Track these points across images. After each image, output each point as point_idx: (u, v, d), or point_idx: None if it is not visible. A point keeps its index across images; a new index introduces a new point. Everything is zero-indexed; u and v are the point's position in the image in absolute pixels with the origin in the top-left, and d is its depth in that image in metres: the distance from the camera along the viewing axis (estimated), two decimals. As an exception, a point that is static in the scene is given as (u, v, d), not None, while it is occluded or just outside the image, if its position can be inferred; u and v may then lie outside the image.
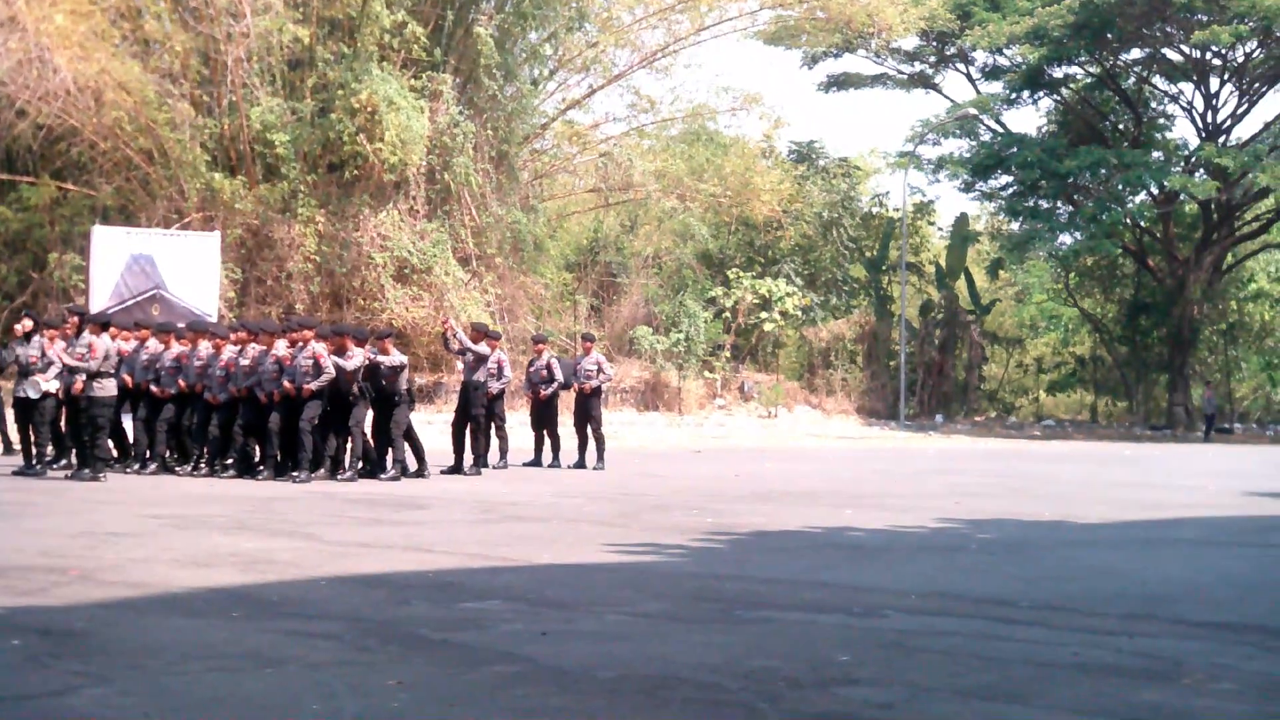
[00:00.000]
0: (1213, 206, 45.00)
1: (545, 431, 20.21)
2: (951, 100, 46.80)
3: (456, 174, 31.22)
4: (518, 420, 24.28)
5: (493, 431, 19.08)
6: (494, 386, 18.78)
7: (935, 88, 47.55)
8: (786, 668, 6.06)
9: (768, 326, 40.22)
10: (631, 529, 11.80)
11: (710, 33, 38.48)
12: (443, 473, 17.74)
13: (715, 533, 11.56)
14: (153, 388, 17.00)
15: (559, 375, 20.11)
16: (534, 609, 7.51)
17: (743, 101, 39.75)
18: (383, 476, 16.59)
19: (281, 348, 16.38)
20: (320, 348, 16.06)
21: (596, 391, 20.20)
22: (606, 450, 20.31)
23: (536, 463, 20.09)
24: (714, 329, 39.18)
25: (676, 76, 39.30)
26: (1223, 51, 43.08)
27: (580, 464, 19.87)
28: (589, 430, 20.02)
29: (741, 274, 40.28)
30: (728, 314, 39.77)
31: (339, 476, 16.32)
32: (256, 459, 16.75)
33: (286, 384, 16.01)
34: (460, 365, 19.19)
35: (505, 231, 32.99)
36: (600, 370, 20.29)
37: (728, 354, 39.90)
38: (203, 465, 16.91)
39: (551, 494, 15.45)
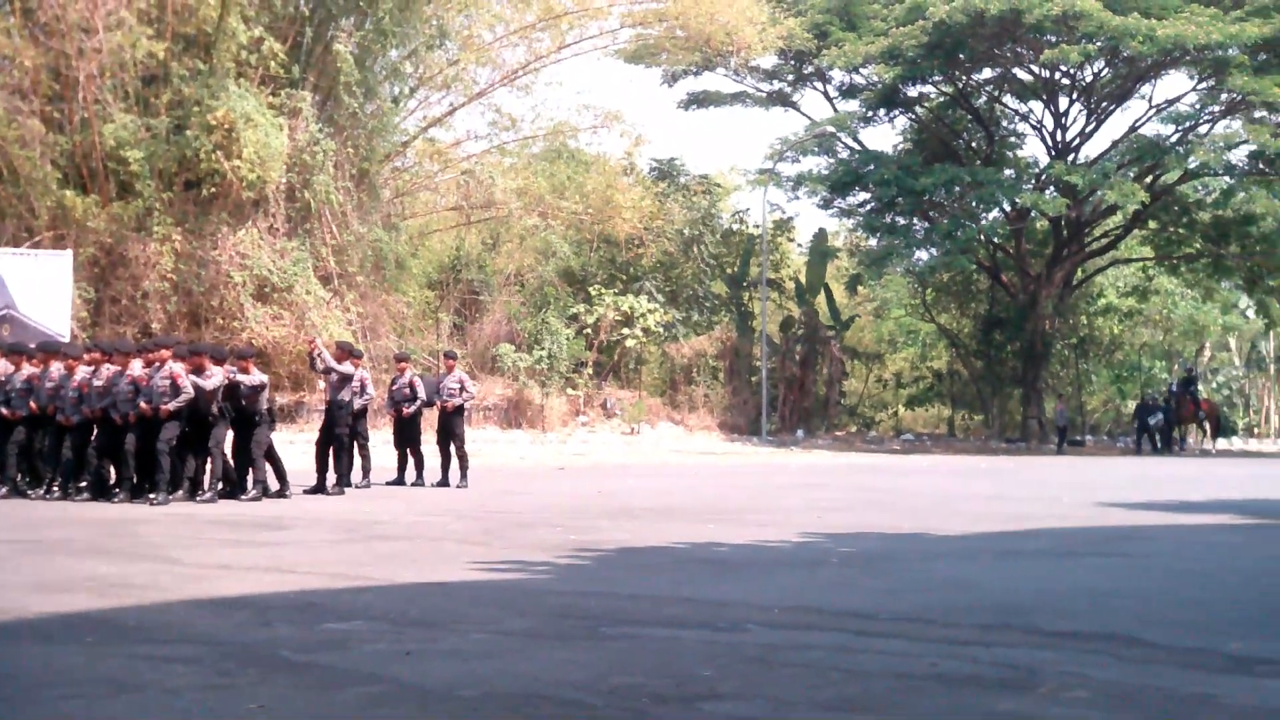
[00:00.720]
0: (1063, 223, 45.99)
1: (408, 450, 20.14)
2: (810, 118, 47.41)
3: (317, 192, 30.93)
4: (380, 439, 24.11)
5: (355, 450, 18.96)
6: (356, 404, 18.66)
7: (794, 106, 48.11)
8: (650, 683, 6.08)
9: (630, 343, 40.34)
10: (495, 547, 11.77)
11: (571, 51, 38.62)
12: (305, 492, 17.57)
13: (579, 549, 11.57)
14: (3, 410, 16.66)
15: (422, 393, 20.04)
16: (397, 629, 7.46)
17: (604, 119, 39.91)
18: (243, 497, 16.39)
19: (137, 368, 16.12)
20: (178, 367, 15.83)
21: (459, 409, 20.18)
22: (470, 468, 20.26)
23: (400, 481, 19.99)
24: (576, 346, 39.22)
25: (538, 94, 39.59)
26: (1071, 71, 44.12)
27: (443, 482, 19.81)
28: (452, 448, 19.98)
29: (604, 291, 40.38)
30: (590, 331, 39.84)
31: (198, 498, 16.10)
32: (112, 482, 16.46)
33: (143, 405, 15.75)
34: (321, 384, 19.07)
35: (367, 250, 32.75)
36: (463, 388, 20.26)
37: (590, 371, 39.96)
38: (55, 489, 16.58)
39: (415, 513, 15.36)
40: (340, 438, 18.31)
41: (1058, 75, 44.98)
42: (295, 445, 25.66)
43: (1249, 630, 7.93)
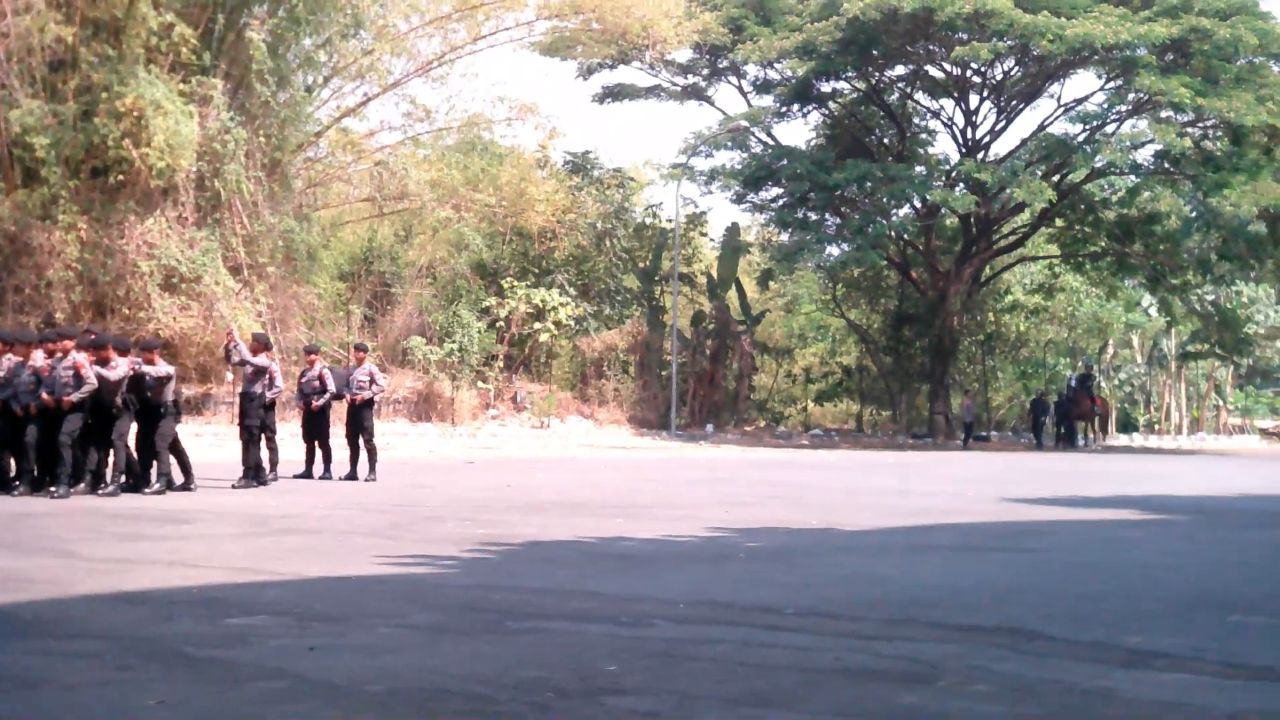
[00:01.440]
0: (972, 220, 46.42)
1: (316, 443, 19.99)
2: (724, 113, 47.53)
3: (227, 181, 30.60)
4: (289, 431, 23.93)
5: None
6: (267, 396, 18.52)
7: (708, 100, 48.21)
8: (555, 678, 6.09)
9: (542, 337, 40.29)
10: (403, 540, 11.72)
11: (487, 42, 38.46)
12: (234, 486, 17.54)
13: (487, 543, 11.55)
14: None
15: (331, 386, 19.90)
16: (302, 623, 7.42)
17: (518, 112, 39.81)
18: (147, 491, 16.20)
19: (39, 358, 15.88)
20: (81, 358, 15.61)
21: (369, 402, 20.08)
22: (379, 461, 20.16)
23: (307, 475, 19.84)
24: (488, 339, 39.11)
25: (453, 86, 39.36)
26: (982, 69, 44.56)
27: (352, 475, 19.68)
28: (361, 441, 19.87)
29: (516, 284, 40.29)
30: (502, 324, 39.73)
31: (100, 491, 15.89)
32: (12, 474, 16.21)
33: (45, 396, 15.53)
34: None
35: (278, 240, 32.44)
36: (373, 381, 20.15)
37: (501, 364, 39.87)
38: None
39: (322, 506, 15.26)
40: (250, 429, 18.17)
41: (969, 73, 45.42)
42: (202, 438, 25.43)
43: (1147, 624, 8.06)
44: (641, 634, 7.39)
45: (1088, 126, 44.63)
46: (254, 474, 18.03)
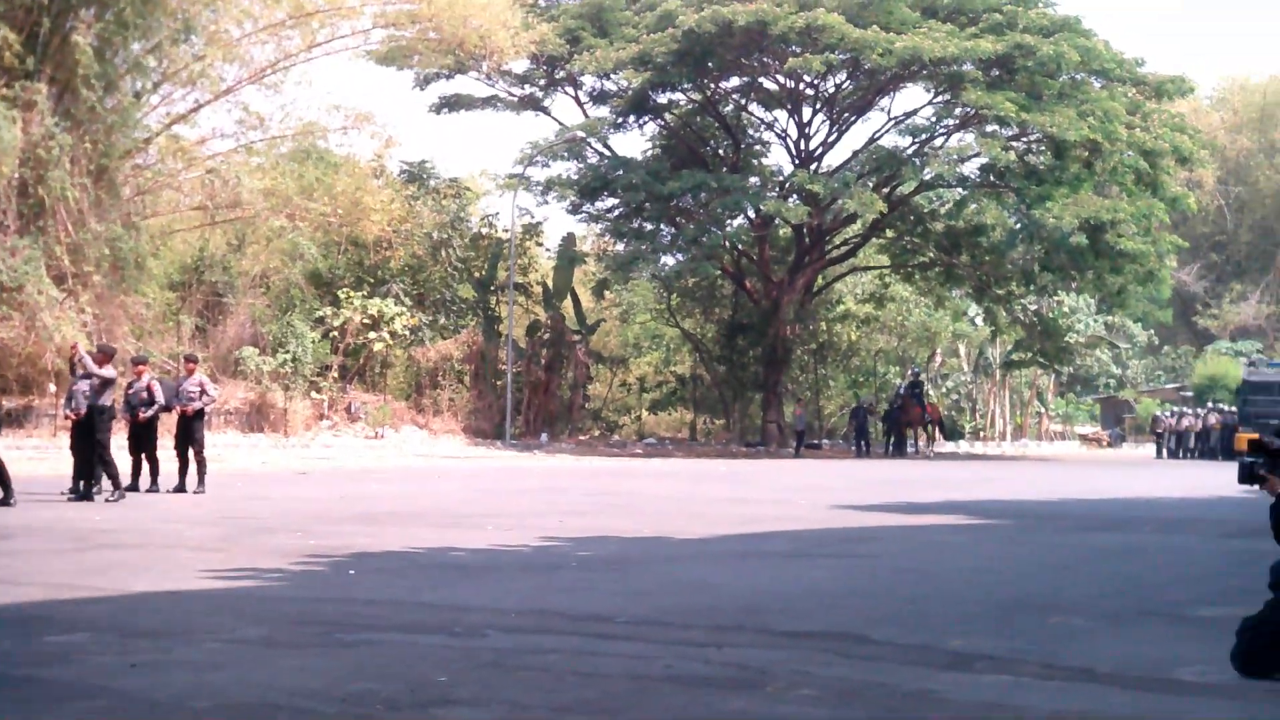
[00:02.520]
0: (805, 231, 46.99)
1: (144, 455, 19.61)
2: (560, 123, 47.55)
3: (51, 188, 29.80)
4: (116, 444, 23.42)
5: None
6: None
7: (545, 111, 48.17)
8: (385, 690, 6.06)
9: (377, 347, 39.93)
10: (232, 554, 11.55)
11: (322, 50, 37.92)
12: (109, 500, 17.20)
13: (318, 555, 11.44)
14: None
15: (160, 397, 19.52)
16: (125, 640, 7.28)
17: (354, 120, 39.38)
18: (-35, 505, 15.77)
19: None
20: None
21: (199, 413, 19.76)
22: (208, 473, 19.84)
23: (134, 488, 19.44)
24: (322, 349, 38.68)
25: (287, 93, 38.85)
26: (815, 82, 45.18)
27: (180, 488, 19.33)
28: (191, 453, 19.54)
29: (351, 294, 39.90)
30: (336, 334, 39.32)
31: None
32: None
33: None
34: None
35: (104, 249, 31.67)
36: (203, 392, 19.84)
37: (335, 374, 39.46)
38: None
39: (149, 520, 14.97)
40: (104, 443, 17.83)
41: (802, 85, 46.00)
42: (23, 451, 24.80)
43: (969, 627, 8.25)
44: (473, 644, 7.39)
45: (917, 139, 45.49)
46: (85, 488, 17.67)
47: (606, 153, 46.65)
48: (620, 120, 46.27)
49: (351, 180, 39.79)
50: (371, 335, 39.60)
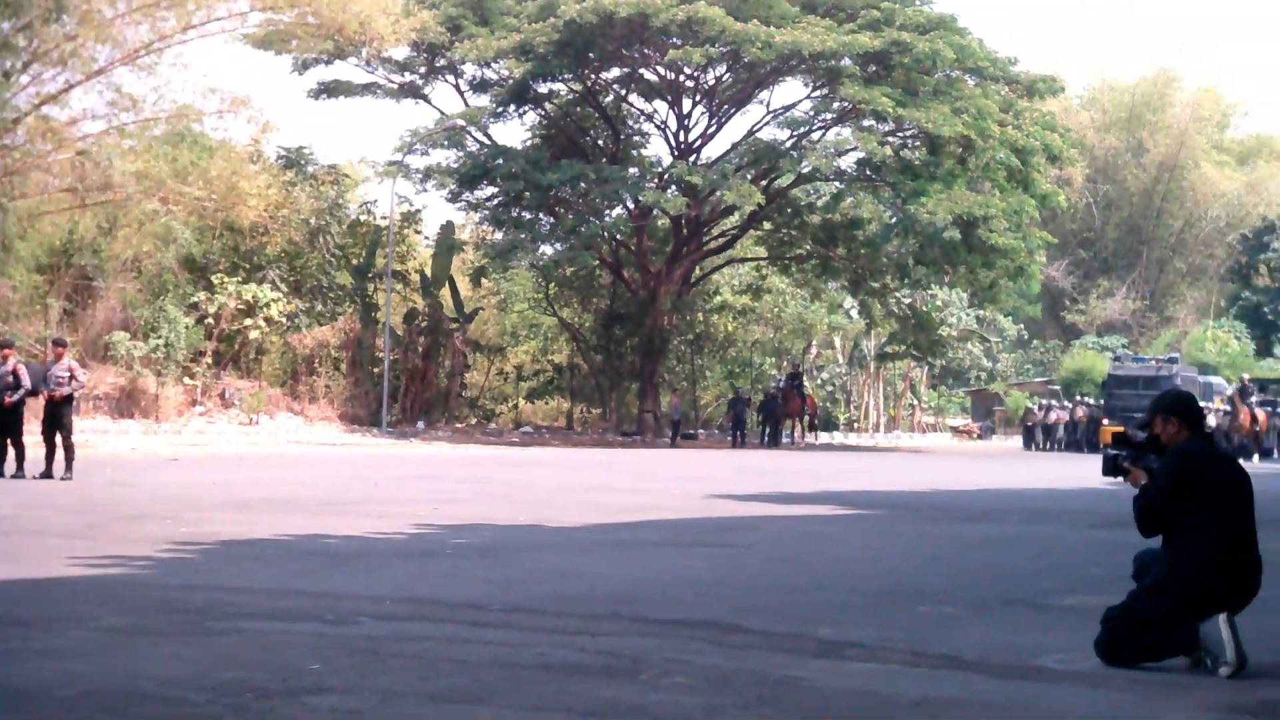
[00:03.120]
0: (683, 222, 47.16)
1: (9, 440, 19.22)
2: (441, 111, 47.21)
3: (-87, 168, 29.09)
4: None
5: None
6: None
7: (425, 98, 47.82)
8: (256, 678, 6.02)
9: (252, 333, 39.48)
10: (99, 540, 11.38)
11: (198, 32, 37.23)
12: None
13: (188, 542, 11.31)
14: None
15: (26, 381, 19.15)
16: (-11, 627, 7.16)
17: (230, 104, 38.73)
18: None
19: None
20: None
21: (68, 399, 19.43)
22: (77, 459, 19.50)
23: (-1, 473, 19.09)
24: (195, 335, 38.11)
25: (161, 75, 37.93)
26: (695, 74, 45.35)
27: (47, 474, 18.97)
28: (59, 439, 19.20)
29: (226, 279, 39.38)
30: (210, 320, 38.80)
31: None
32: None
33: None
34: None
35: (-32, 231, 30.98)
36: (72, 376, 19.50)
37: (209, 360, 38.94)
38: None
39: (13, 506, 14.68)
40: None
41: (682, 77, 46.15)
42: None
43: (840, 616, 8.36)
44: (346, 632, 7.36)
45: (795, 133, 45.86)
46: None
47: (486, 141, 46.41)
48: (500, 109, 46.07)
49: (227, 165, 39.17)
50: (247, 321, 39.14)
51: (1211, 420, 37.85)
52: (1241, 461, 7.98)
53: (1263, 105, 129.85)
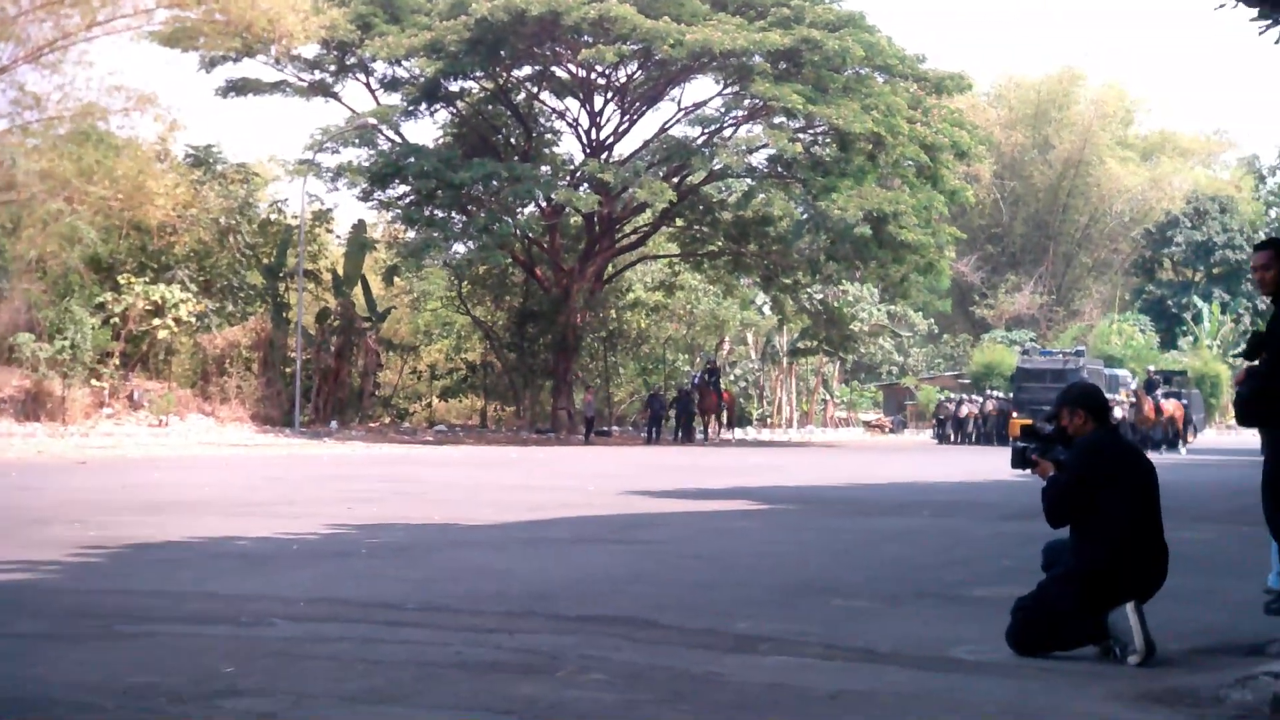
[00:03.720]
0: (595, 219, 47.16)
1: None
2: (352, 109, 46.86)
3: None
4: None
5: None
6: None
7: (335, 97, 47.43)
8: (168, 682, 5.97)
9: (161, 334, 39.04)
10: (6, 546, 11.19)
11: (103, 29, 36.78)
12: None
13: (98, 546, 11.17)
14: None
15: (-72, 384, 18.88)
16: (-108, 635, 7.05)
17: (136, 102, 38.30)
18: None
19: None
20: None
21: (-30, 401, 19.16)
22: (-19, 463, 19.24)
23: (-98, 478, 18.79)
24: (103, 336, 37.64)
25: (66, 73, 37.36)
26: (607, 71, 45.37)
27: (-48, 479, 18.72)
28: (-39, 443, 18.94)
29: (133, 280, 38.93)
30: (117, 320, 38.34)
31: None
32: None
33: None
34: None
35: None
36: (-25, 379, 19.24)
37: (117, 362, 38.48)
38: None
39: (-83, 511, 14.46)
40: None
41: (593, 75, 46.15)
42: None
43: (755, 611, 8.41)
44: (259, 634, 7.31)
45: (706, 130, 45.99)
46: None
47: (398, 140, 46.12)
48: (412, 108, 45.84)
49: (134, 163, 38.71)
50: (155, 322, 38.69)
51: (1118, 412, 38.40)
52: (1151, 453, 8.12)
53: (1166, 102, 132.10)
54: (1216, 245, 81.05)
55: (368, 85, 46.71)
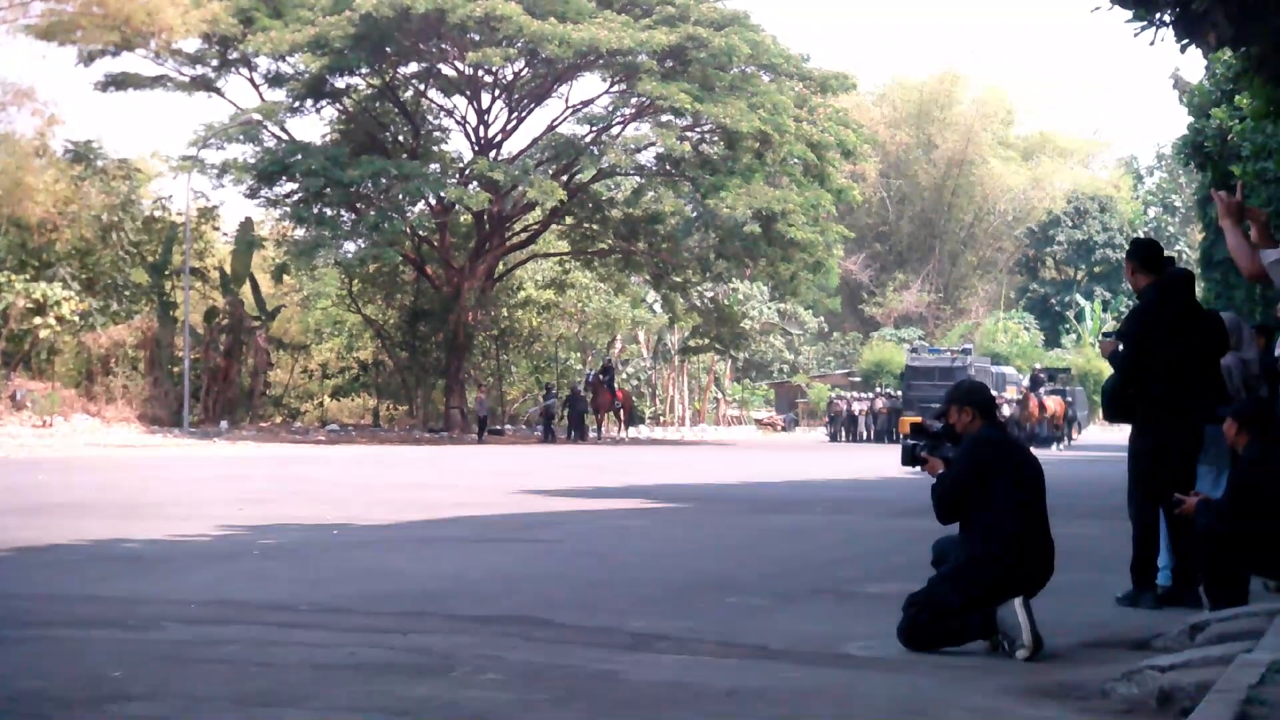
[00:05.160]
0: (485, 217, 47.03)
1: None
2: (236, 105, 46.33)
3: None
4: None
5: None
6: None
7: (218, 92, 46.83)
8: (55, 688, 5.89)
9: (43, 333, 38.37)
10: (-115, 551, 10.98)
11: (-23, 23, 36.21)
12: None
13: (-19, 551, 10.98)
14: None
15: None
16: None
17: (13, 96, 37.71)
18: None
19: None
20: None
21: None
22: None
23: None
24: (-19, 335, 37.02)
25: (-63, 67, 36.58)
26: (494, 70, 45.24)
27: None
28: None
29: (13, 277, 38.22)
30: (-3, 319, 37.69)
31: None
32: None
33: None
34: None
35: None
36: None
37: (-2, 361, 37.83)
38: None
39: None
40: None
41: (481, 73, 45.99)
42: None
43: (650, 609, 8.45)
44: (150, 637, 7.22)
45: (594, 128, 46.02)
46: None
47: (284, 137, 45.68)
48: (297, 104, 45.38)
49: (11, 159, 38.06)
50: (37, 320, 38.02)
51: (1006, 410, 38.98)
52: (1035, 450, 8.26)
53: (1046, 103, 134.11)
54: (1097, 244, 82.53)
55: (251, 81, 46.14)
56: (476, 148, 47.64)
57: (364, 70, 44.72)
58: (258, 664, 6.52)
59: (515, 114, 48.46)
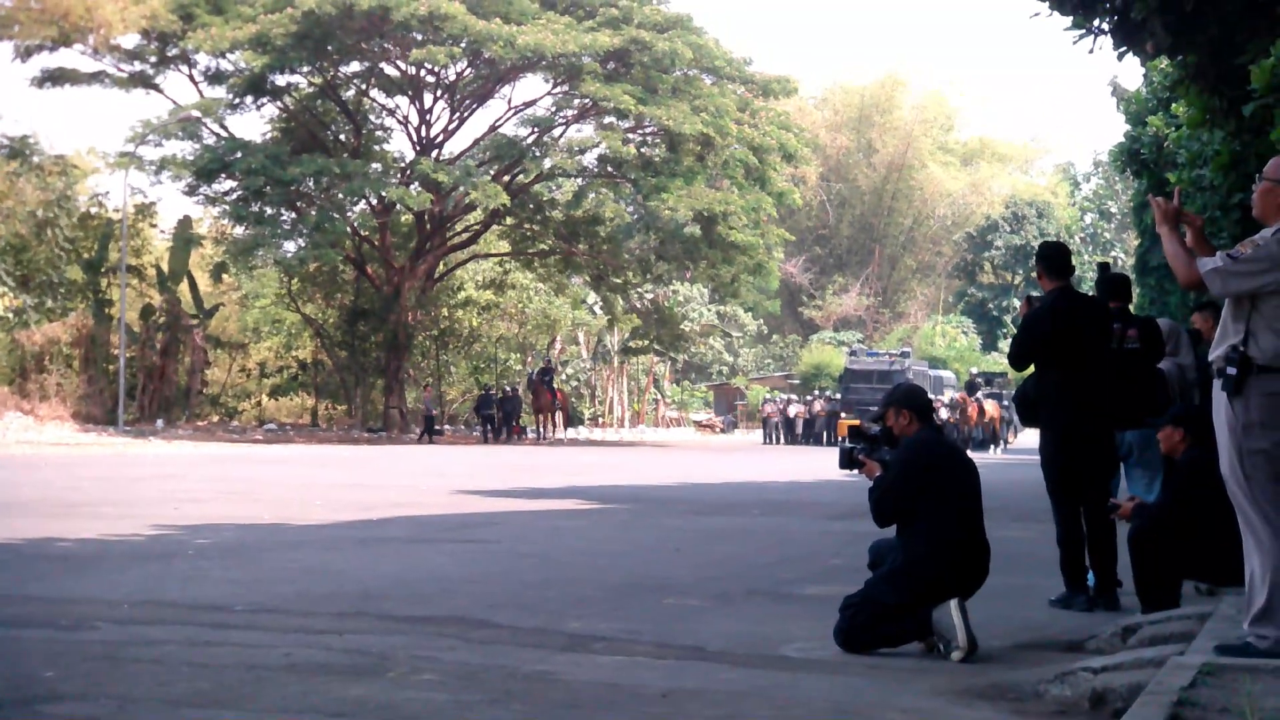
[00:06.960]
0: (426, 217, 46.93)
1: None
2: (174, 102, 45.97)
3: None
4: None
5: None
6: None
7: (157, 88, 46.45)
8: (-14, 688, 5.83)
9: (-26, 330, 38.04)
10: None
11: (-91, 17, 35.78)
12: None
13: (-89, 550, 10.85)
14: None
15: None
16: None
17: (-54, 92, 37.30)
18: None
19: None
20: None
21: None
22: None
23: None
24: (-87, 331, 36.60)
25: None
26: (437, 70, 45.14)
27: None
28: None
29: (-55, 274, 37.87)
30: (-71, 316, 37.29)
31: None
32: None
33: None
34: None
35: None
36: None
37: (-71, 358, 37.41)
38: None
39: None
40: None
41: (423, 73, 45.89)
42: None
43: (587, 610, 8.44)
44: (82, 638, 7.16)
45: (537, 129, 46.02)
46: None
47: (224, 134, 45.37)
48: (237, 101, 45.07)
49: (-55, 156, 37.70)
50: (-31, 318, 37.67)
51: (944, 413, 39.23)
52: (971, 453, 8.33)
53: (984, 109, 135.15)
54: (1034, 249, 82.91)
55: (191, 77, 45.79)
56: (418, 148, 47.53)
57: (305, 68, 44.51)
58: (191, 665, 6.47)
59: (457, 114, 48.40)
